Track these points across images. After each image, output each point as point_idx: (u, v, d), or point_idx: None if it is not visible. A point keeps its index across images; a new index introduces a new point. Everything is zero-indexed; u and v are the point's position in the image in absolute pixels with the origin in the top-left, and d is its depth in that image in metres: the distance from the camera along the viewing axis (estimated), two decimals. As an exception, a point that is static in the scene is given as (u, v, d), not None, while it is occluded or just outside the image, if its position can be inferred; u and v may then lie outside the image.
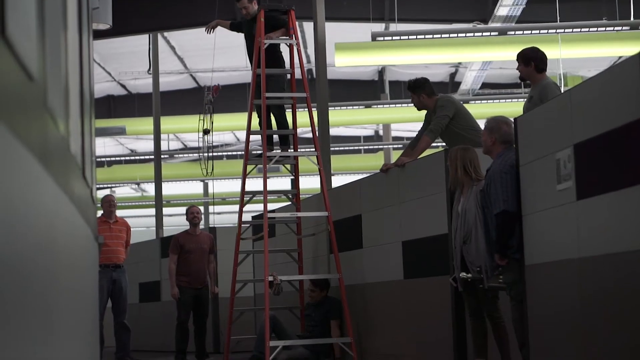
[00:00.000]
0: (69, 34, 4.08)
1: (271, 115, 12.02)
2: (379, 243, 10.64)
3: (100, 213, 13.13)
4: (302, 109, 12.46)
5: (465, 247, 8.58)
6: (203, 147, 12.44)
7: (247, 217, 13.06)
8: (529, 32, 18.33)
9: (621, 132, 6.27)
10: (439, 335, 9.29)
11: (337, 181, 17.00)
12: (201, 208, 29.23)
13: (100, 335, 11.38)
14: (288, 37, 11.84)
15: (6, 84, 2.22)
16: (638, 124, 6.01)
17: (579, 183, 6.85)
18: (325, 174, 11.98)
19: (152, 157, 21.02)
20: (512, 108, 22.01)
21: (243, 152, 12.34)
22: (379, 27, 22.15)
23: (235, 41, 19.67)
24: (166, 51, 26.48)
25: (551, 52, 14.45)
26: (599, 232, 6.60)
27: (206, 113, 12.23)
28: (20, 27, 2.38)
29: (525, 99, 9.25)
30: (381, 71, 31.35)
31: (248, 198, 12.17)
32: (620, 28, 17.44)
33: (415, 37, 17.63)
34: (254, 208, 24.25)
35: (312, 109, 12.01)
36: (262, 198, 11.45)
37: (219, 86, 12.21)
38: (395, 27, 19.37)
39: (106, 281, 12.76)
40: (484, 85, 29.33)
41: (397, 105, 27.65)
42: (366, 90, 31.87)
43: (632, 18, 18.37)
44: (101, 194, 13.91)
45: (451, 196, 9.01)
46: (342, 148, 34.14)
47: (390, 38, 17.79)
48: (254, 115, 12.00)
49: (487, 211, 8.07)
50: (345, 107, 27.71)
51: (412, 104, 10.59)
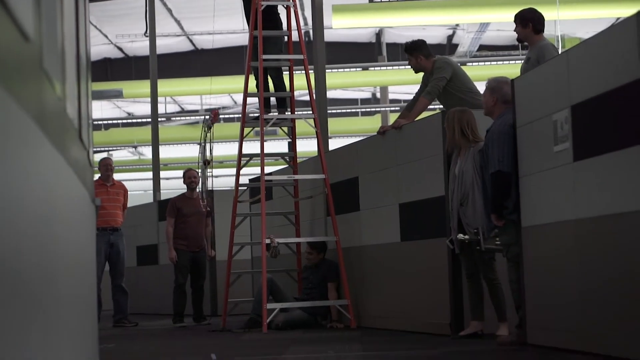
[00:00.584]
0: (65, -4, 4.06)
1: (268, 77, 11.99)
2: (376, 205, 10.65)
3: (97, 176, 13.13)
4: (299, 72, 12.43)
5: (462, 209, 8.60)
6: (203, 177, 12.39)
7: (245, 180, 13.06)
8: (527, -6, 18.25)
9: (618, 94, 6.26)
10: (436, 297, 9.32)
11: (335, 144, 16.97)
12: (198, 171, 29.24)
13: (98, 298, 11.39)
14: (285, -1, 11.80)
15: (2, 44, 2.21)
16: (635, 85, 6.01)
17: (576, 144, 6.85)
18: (322, 137, 11.98)
19: (150, 120, 20.97)
20: (510, 70, 21.98)
21: (240, 115, 12.32)
22: (376, -11, 22.04)
23: (233, 3, 19.59)
24: (163, 13, 26.39)
25: (549, 14, 14.41)
26: (596, 194, 6.61)
27: (205, 142, 12.13)
28: (14, -12, 2.37)
29: (522, 61, 9.23)
30: (378, 33, 31.28)
31: (245, 161, 12.17)
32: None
33: (412, -1, 17.56)
34: (251, 171, 24.24)
35: (309, 72, 11.98)
36: (259, 161, 11.45)
37: (218, 112, 12.13)
38: (392, -11, 19.28)
39: (104, 244, 12.78)
40: (482, 47, 29.27)
41: (395, 67, 27.60)
42: (363, 52, 31.81)
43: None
44: (98, 158, 13.87)
45: (448, 158, 9.01)
46: (340, 111, 34.12)
47: (387, 0, 17.72)
48: (251, 77, 11.96)
49: (485, 171, 8.09)
50: (342, 70, 27.66)
51: (410, 67, 10.55)
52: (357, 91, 36.04)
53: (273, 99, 12.29)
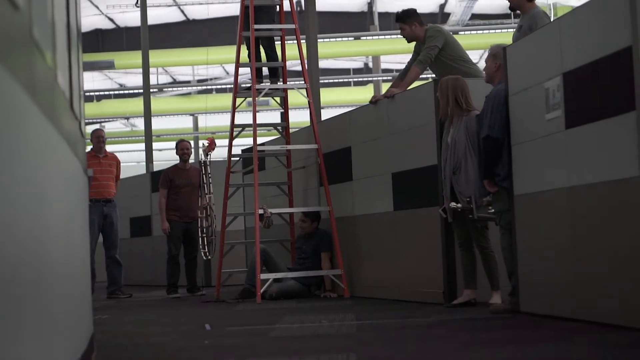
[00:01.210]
0: (54, -35, 4.04)
1: (260, 48, 11.96)
2: (369, 175, 10.65)
3: (89, 148, 13.11)
4: (291, 42, 12.40)
5: (454, 178, 8.61)
6: (202, 222, 12.32)
7: (237, 151, 13.05)
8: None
9: (610, 61, 6.26)
10: (429, 266, 9.34)
11: (327, 115, 16.95)
12: (191, 142, 29.20)
13: (91, 269, 11.42)
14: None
15: (-10, 13, 2.20)
16: (627, 52, 6.00)
17: (568, 112, 6.85)
18: (314, 107, 11.96)
19: (141, 92, 20.92)
20: (502, 39, 21.93)
21: (232, 86, 12.28)
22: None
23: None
24: (154, -16, 26.25)
25: (541, -18, 14.36)
26: (588, 161, 6.61)
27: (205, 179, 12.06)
28: (3, -44, 2.36)
29: (514, 29, 9.21)
30: (370, 2, 31.17)
31: (238, 131, 12.15)
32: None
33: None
34: (244, 142, 24.22)
35: (301, 41, 11.95)
36: (252, 131, 11.43)
37: (214, 140, 12.03)
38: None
39: (97, 216, 12.77)
40: (474, 16, 29.20)
41: (387, 37, 27.53)
42: (355, 21, 31.74)
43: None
44: (90, 129, 13.84)
45: (441, 127, 9.01)
46: (332, 81, 34.06)
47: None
48: (243, 48, 11.93)
49: (480, 136, 8.07)
50: (334, 39, 27.57)
51: (402, 36, 10.52)
52: (349, 61, 35.98)
53: (265, 70, 12.26)
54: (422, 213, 9.51)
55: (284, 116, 12.43)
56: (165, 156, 38.47)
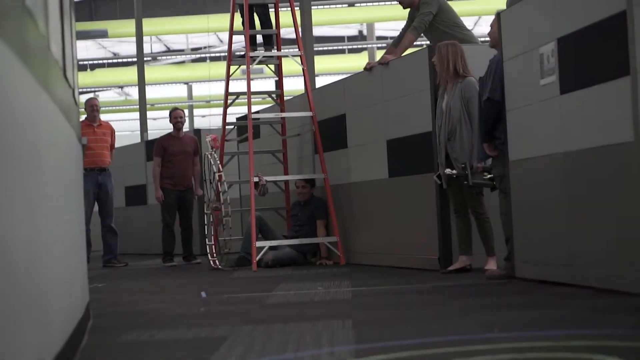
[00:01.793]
0: None
1: (254, 15, 11.91)
2: (364, 142, 10.64)
3: (83, 117, 13.08)
4: (285, 9, 12.35)
5: (449, 144, 8.60)
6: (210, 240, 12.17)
7: (232, 119, 13.03)
8: None
9: (604, 25, 6.24)
10: (424, 232, 9.36)
11: (322, 82, 16.93)
12: (185, 111, 29.10)
13: (87, 238, 11.42)
14: None
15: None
16: (621, 17, 5.98)
17: (563, 77, 6.84)
18: (309, 74, 11.93)
19: (135, 60, 20.85)
20: (495, 5, 21.87)
21: (226, 54, 12.25)
22: None
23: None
24: (146, -49, 26.09)
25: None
26: (583, 126, 6.61)
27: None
28: None
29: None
30: (364, -30, 31.02)
31: (232, 99, 12.13)
32: None
33: None
34: (239, 110, 24.19)
35: (295, 8, 11.90)
36: (246, 99, 11.41)
37: (217, 137, 11.87)
38: None
39: (92, 185, 12.76)
40: (468, -18, 29.06)
41: (381, 3, 27.43)
42: (349, -12, 31.53)
43: None
44: (84, 99, 13.80)
45: (435, 93, 9.00)
46: (326, 48, 33.96)
47: None
48: (237, 15, 11.89)
49: (481, 99, 8.04)
50: (328, 6, 27.47)
51: (398, 2, 10.48)
52: (344, 28, 35.85)
53: (259, 37, 12.22)
54: (417, 180, 9.51)
55: (279, 84, 12.41)
56: (159, 125, 38.40)
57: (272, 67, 12.49)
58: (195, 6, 31.10)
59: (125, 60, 34.81)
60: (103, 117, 13.63)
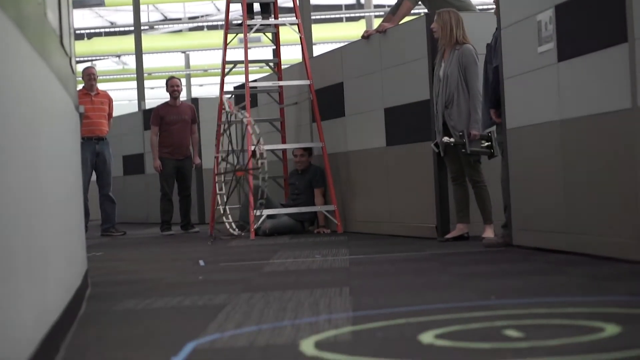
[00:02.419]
0: None
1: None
2: (362, 111, 10.63)
3: (81, 86, 13.05)
4: (282, -23, 12.30)
5: (447, 112, 8.60)
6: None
7: (229, 88, 13.01)
8: None
9: (603, -7, 6.22)
10: (422, 200, 9.37)
11: (319, 51, 16.87)
12: (183, 80, 29.04)
13: (85, 207, 11.44)
14: None
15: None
16: (620, -16, 5.96)
17: (560, 45, 6.83)
18: (306, 43, 11.90)
19: (132, 29, 20.77)
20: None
21: (224, 22, 12.21)
22: None
23: None
24: None
25: None
26: (581, 94, 6.60)
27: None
28: None
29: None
30: (362, -63, 30.87)
31: (229, 68, 12.10)
32: None
33: None
34: (236, 79, 24.13)
35: (292, -23, 11.86)
36: (244, 68, 11.39)
37: (231, 102, 11.70)
38: None
39: (90, 154, 12.75)
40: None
41: (379, -29, 27.28)
42: (347, -44, 31.40)
43: None
44: (81, 68, 13.76)
45: (433, 61, 8.98)
46: (324, 17, 33.85)
47: None
48: (234, -17, 11.83)
49: (489, 66, 8.00)
50: (325, -25, 27.28)
51: (394, -30, 10.44)
52: (341, -4, 35.69)
53: (257, 5, 12.17)
54: (415, 148, 9.51)
55: (276, 52, 12.38)
56: (157, 94, 38.31)
57: (270, 36, 12.45)
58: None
59: (122, 29, 34.69)
60: (100, 87, 13.60)
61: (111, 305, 5.44)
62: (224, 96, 11.62)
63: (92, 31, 34.76)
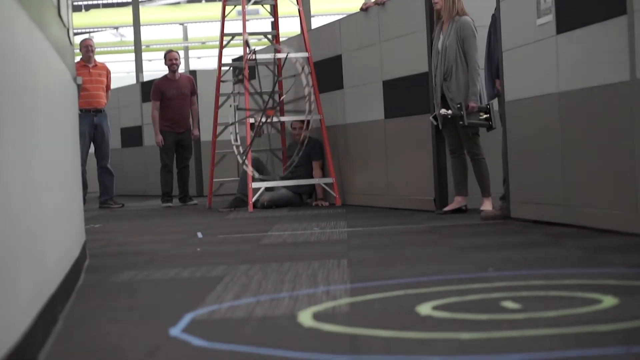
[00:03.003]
0: None
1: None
2: (360, 83, 10.62)
3: (78, 58, 13.03)
4: (281, -51, 12.24)
5: (445, 84, 8.58)
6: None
7: (227, 60, 12.97)
8: None
9: (602, -35, 6.20)
10: (420, 173, 9.36)
11: (317, 23, 16.83)
12: (181, 52, 28.95)
13: (83, 180, 11.44)
14: None
15: None
16: (619, -44, 5.94)
17: (559, 17, 6.81)
18: (305, 15, 11.86)
19: (130, 1, 20.71)
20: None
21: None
22: None
23: None
24: None
25: None
26: (579, 66, 6.59)
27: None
28: None
29: None
30: None
31: (227, 40, 12.07)
32: None
33: None
34: (234, 52, 24.06)
35: (291, -52, 11.81)
36: (242, 40, 11.34)
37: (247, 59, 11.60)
38: None
39: (88, 126, 12.73)
40: None
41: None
42: None
43: None
44: (79, 40, 13.72)
45: (431, 34, 8.96)
46: (322, -11, 33.68)
47: None
48: (232, -45, 11.78)
49: (494, 37, 7.96)
50: (324, -53, 27.19)
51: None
52: (340, -32, 35.55)
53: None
54: (413, 121, 9.50)
55: (274, 25, 12.34)
56: (155, 67, 38.23)
57: (268, 8, 12.41)
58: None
59: (120, 1, 34.56)
60: (98, 59, 13.57)
61: (109, 276, 5.45)
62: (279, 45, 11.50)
63: (90, 3, 34.63)
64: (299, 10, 11.56)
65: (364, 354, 3.05)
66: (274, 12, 12.20)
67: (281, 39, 12.17)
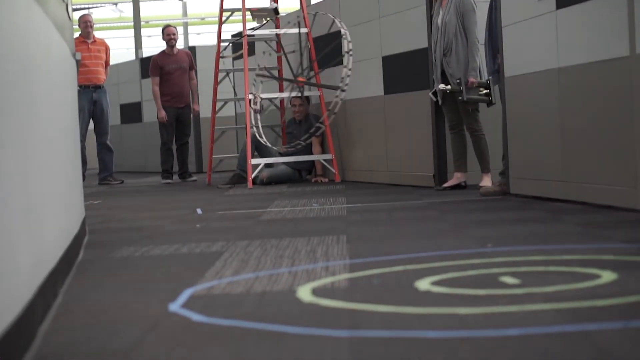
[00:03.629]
0: None
1: None
2: (359, 59, 10.59)
3: (77, 34, 13.00)
4: None
5: (445, 60, 8.57)
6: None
7: (227, 36, 12.95)
8: None
9: (602, -60, 6.18)
10: (419, 149, 9.36)
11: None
12: (180, 28, 28.89)
13: (82, 156, 11.42)
14: None
15: None
16: None
17: (559, -7, 6.79)
18: (304, -10, 11.83)
19: (129, -23, 20.66)
20: None
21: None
22: None
23: None
24: None
25: None
26: (579, 42, 6.58)
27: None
28: None
29: None
30: None
31: (227, 16, 12.04)
32: None
33: None
34: (233, 28, 24.01)
35: None
36: (241, 16, 11.32)
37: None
38: None
39: (87, 102, 12.73)
40: None
41: None
42: None
43: None
44: (78, 16, 13.70)
45: (430, 9, 8.94)
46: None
47: None
48: None
49: (495, 12, 7.93)
50: None
51: None
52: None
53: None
54: (413, 97, 9.49)
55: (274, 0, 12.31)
56: (154, 43, 38.14)
57: (267, -17, 12.38)
58: None
59: (118, -24, 34.42)
60: (97, 35, 13.54)
61: (109, 252, 5.46)
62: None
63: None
64: (299, -15, 11.52)
65: (363, 329, 3.06)
66: (273, -12, 12.15)
67: (281, 14, 12.13)
